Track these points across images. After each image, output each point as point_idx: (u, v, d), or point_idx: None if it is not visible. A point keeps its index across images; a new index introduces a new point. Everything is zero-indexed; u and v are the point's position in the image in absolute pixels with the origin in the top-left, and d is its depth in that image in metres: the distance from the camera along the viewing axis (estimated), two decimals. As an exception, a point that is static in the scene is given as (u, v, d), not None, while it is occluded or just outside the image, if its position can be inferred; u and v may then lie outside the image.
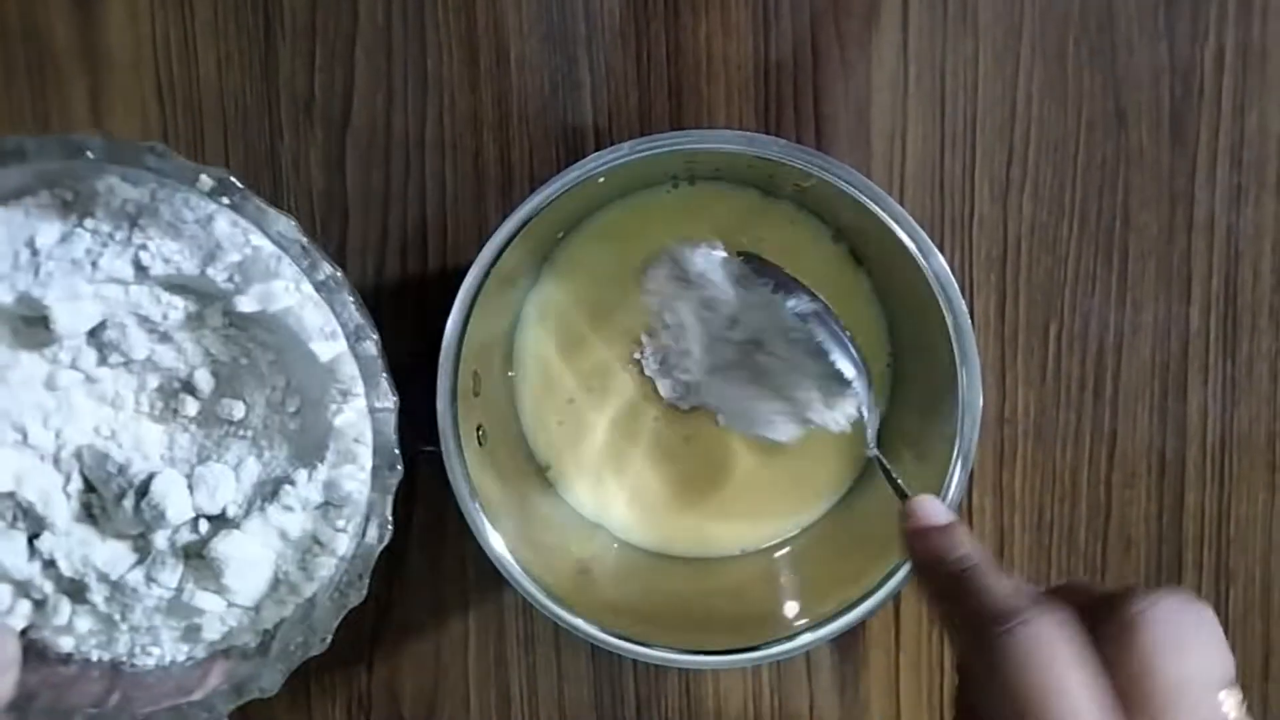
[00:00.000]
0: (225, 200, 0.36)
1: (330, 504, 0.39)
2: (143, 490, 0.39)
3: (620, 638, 0.39)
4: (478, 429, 0.41)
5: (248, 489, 0.40)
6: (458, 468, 0.38)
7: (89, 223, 0.37)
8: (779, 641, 0.39)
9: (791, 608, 0.42)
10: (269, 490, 0.39)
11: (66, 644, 0.40)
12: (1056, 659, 0.25)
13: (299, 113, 0.49)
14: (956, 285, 0.36)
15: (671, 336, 0.46)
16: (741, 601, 0.44)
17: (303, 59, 0.48)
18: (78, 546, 0.39)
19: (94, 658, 0.40)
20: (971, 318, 0.38)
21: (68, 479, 0.40)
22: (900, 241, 0.36)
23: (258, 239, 0.37)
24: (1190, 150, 0.49)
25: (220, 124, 0.49)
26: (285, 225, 0.37)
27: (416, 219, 0.49)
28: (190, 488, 0.39)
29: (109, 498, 0.39)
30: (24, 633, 0.40)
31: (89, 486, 0.40)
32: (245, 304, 0.37)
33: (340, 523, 0.39)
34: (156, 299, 0.38)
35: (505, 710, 0.51)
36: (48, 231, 0.37)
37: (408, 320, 0.49)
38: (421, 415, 0.39)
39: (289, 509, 0.39)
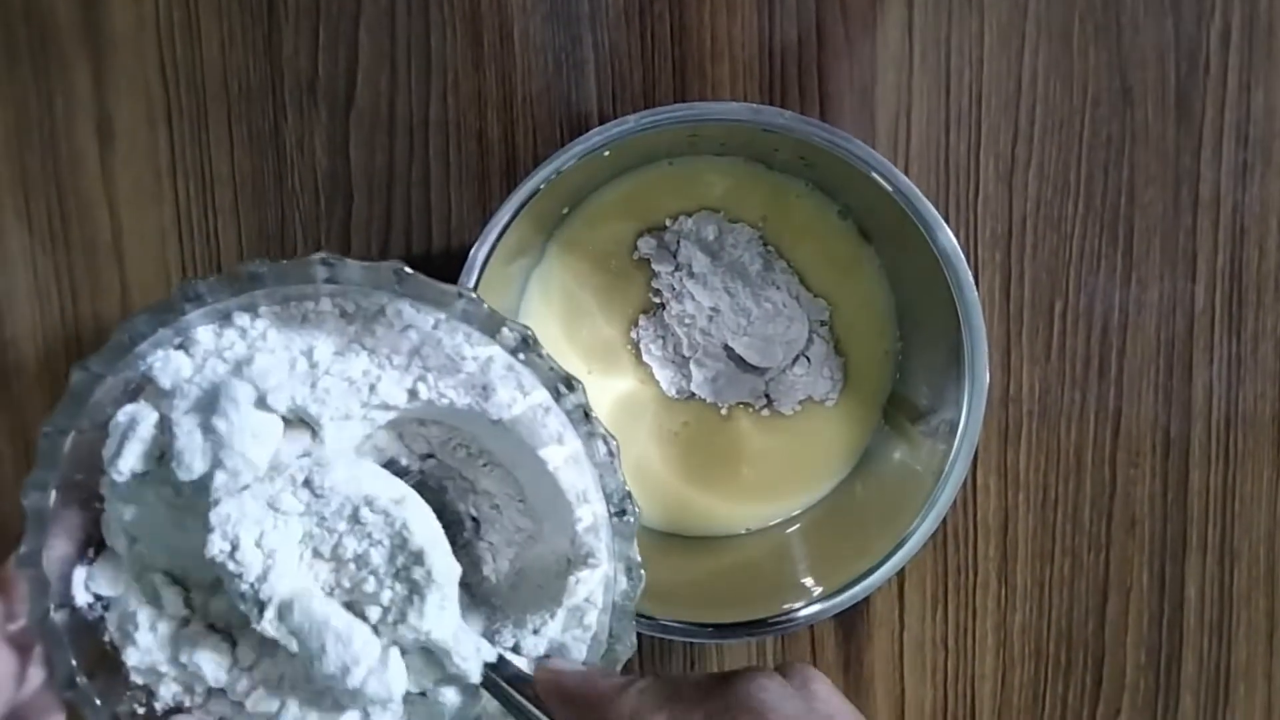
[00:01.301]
0: (520, 357, 0.34)
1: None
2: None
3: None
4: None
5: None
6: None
7: (369, 341, 0.34)
8: (784, 617, 0.39)
9: (797, 584, 0.42)
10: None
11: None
12: None
13: (303, 93, 0.49)
14: (964, 260, 0.36)
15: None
16: (747, 579, 0.44)
17: (306, 38, 0.48)
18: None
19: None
20: (977, 295, 0.37)
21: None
22: (907, 216, 0.36)
23: (535, 391, 0.34)
24: (1196, 128, 0.49)
25: (224, 104, 0.49)
26: (576, 396, 0.34)
27: (420, 199, 0.49)
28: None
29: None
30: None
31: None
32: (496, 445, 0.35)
33: None
34: (400, 433, 0.36)
35: (511, 689, 0.51)
36: (326, 344, 0.34)
37: None
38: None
39: (515, 653, 0.35)
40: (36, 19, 0.48)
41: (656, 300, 0.47)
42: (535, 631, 0.35)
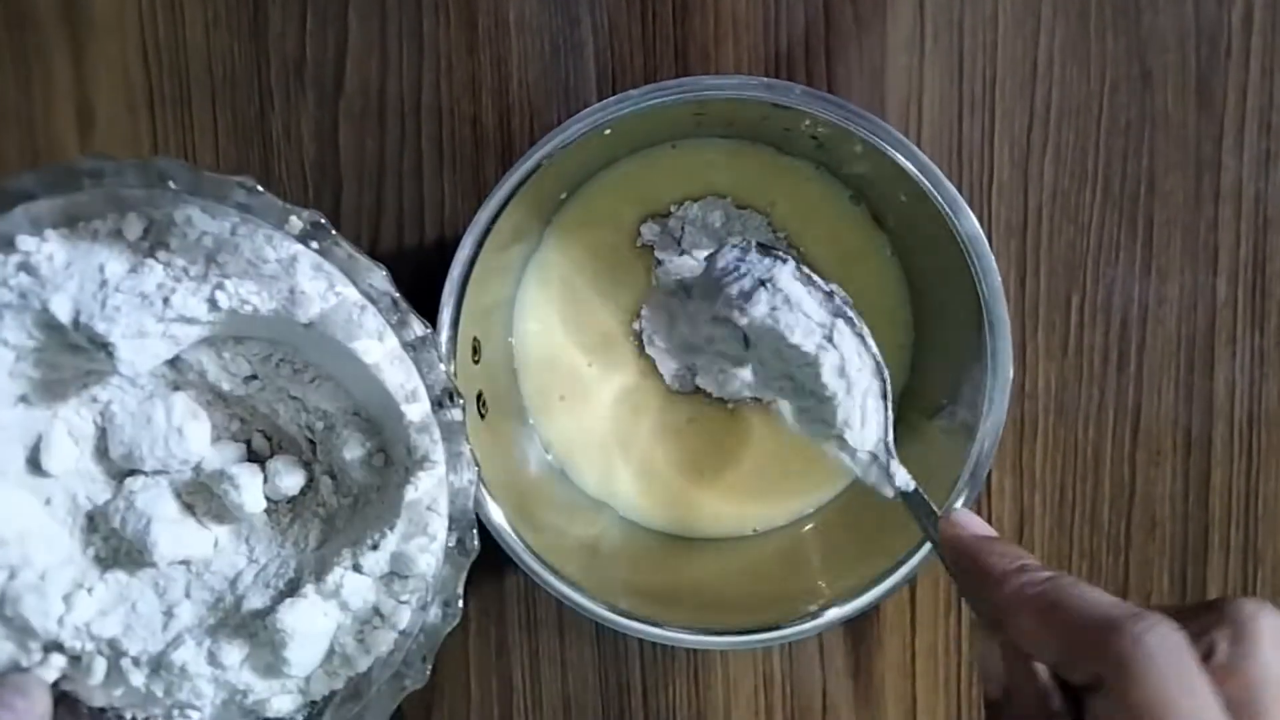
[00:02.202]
0: (314, 245, 0.33)
1: (396, 575, 0.36)
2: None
3: (629, 617, 0.37)
4: (479, 398, 0.39)
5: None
6: (458, 438, 0.36)
7: (162, 255, 0.34)
8: (793, 623, 0.37)
9: (806, 589, 0.40)
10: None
11: (100, 699, 0.37)
12: (1185, 664, 0.24)
13: (290, 77, 0.47)
14: (987, 244, 0.35)
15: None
16: (754, 583, 0.43)
17: (293, 21, 0.47)
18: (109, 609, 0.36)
19: (128, 717, 0.37)
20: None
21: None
22: (925, 200, 0.34)
23: (343, 287, 0.34)
24: (1217, 114, 0.47)
25: (208, 89, 0.47)
26: (377, 277, 0.34)
27: (413, 188, 0.47)
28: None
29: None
30: (56, 684, 0.37)
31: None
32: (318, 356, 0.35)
33: (405, 596, 0.36)
34: (219, 354, 0.36)
35: (507, 698, 0.49)
36: (118, 261, 0.34)
37: (404, 293, 0.47)
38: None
39: (356, 572, 0.35)
40: (13, 0, 0.46)
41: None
42: (374, 547, 0.35)
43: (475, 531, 0.35)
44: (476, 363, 0.40)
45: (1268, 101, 0.47)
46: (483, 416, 0.39)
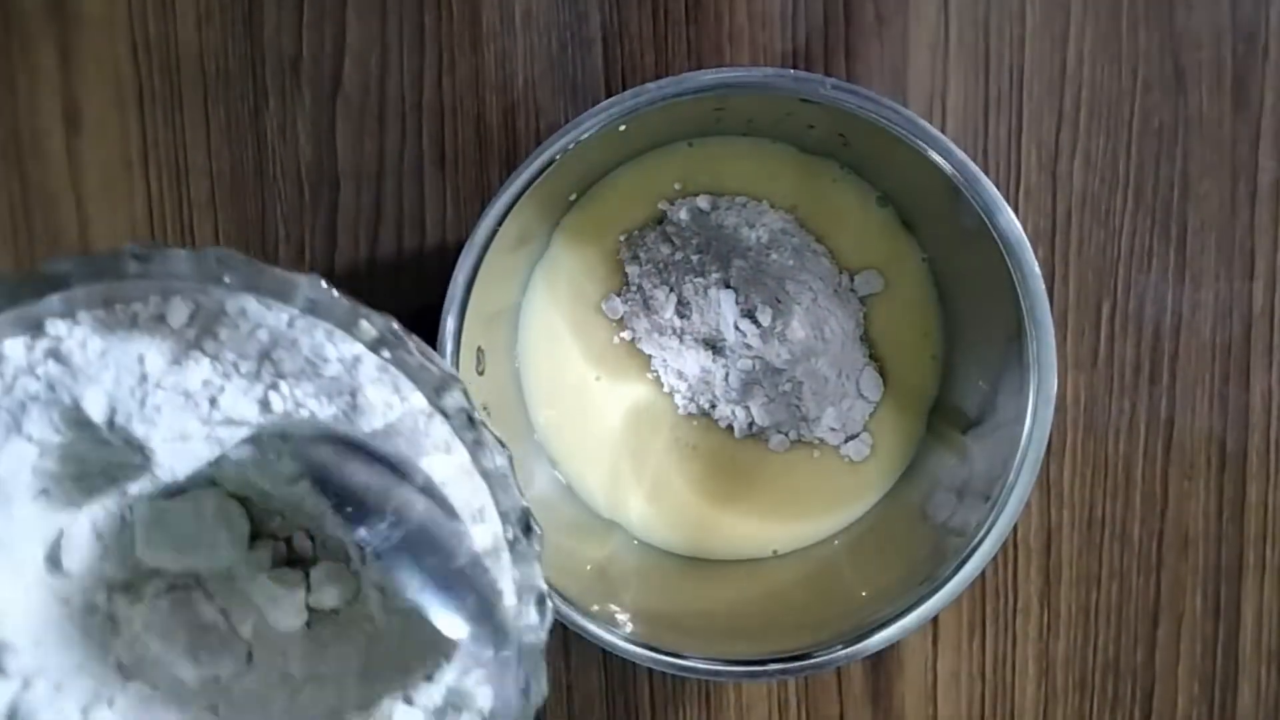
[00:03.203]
0: (385, 354, 0.30)
1: (451, 708, 0.31)
2: None
3: (641, 645, 0.35)
4: (482, 411, 0.37)
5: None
6: (460, 454, 0.34)
7: (210, 346, 0.30)
8: (816, 655, 0.36)
9: (831, 615, 0.39)
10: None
11: None
12: None
13: (285, 74, 0.46)
14: (1029, 245, 0.33)
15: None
16: (774, 608, 0.42)
17: (289, 15, 0.46)
18: None
19: None
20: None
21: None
22: (960, 200, 0.33)
23: (410, 394, 0.30)
24: (1254, 115, 0.46)
25: (200, 87, 0.46)
26: (454, 393, 0.30)
27: (413, 190, 0.46)
28: None
29: None
30: None
31: None
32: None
33: None
34: (264, 451, 0.32)
35: (510, 723, 0.47)
36: (159, 351, 0.30)
37: (404, 300, 0.47)
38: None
39: (407, 704, 0.31)
40: (-4, -6, 0.45)
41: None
42: (428, 678, 0.31)
43: (545, 675, 0.31)
44: (481, 374, 0.38)
45: (1306, 101, 0.46)
46: (487, 431, 0.38)
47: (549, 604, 0.31)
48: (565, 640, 0.47)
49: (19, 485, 0.31)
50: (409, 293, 0.46)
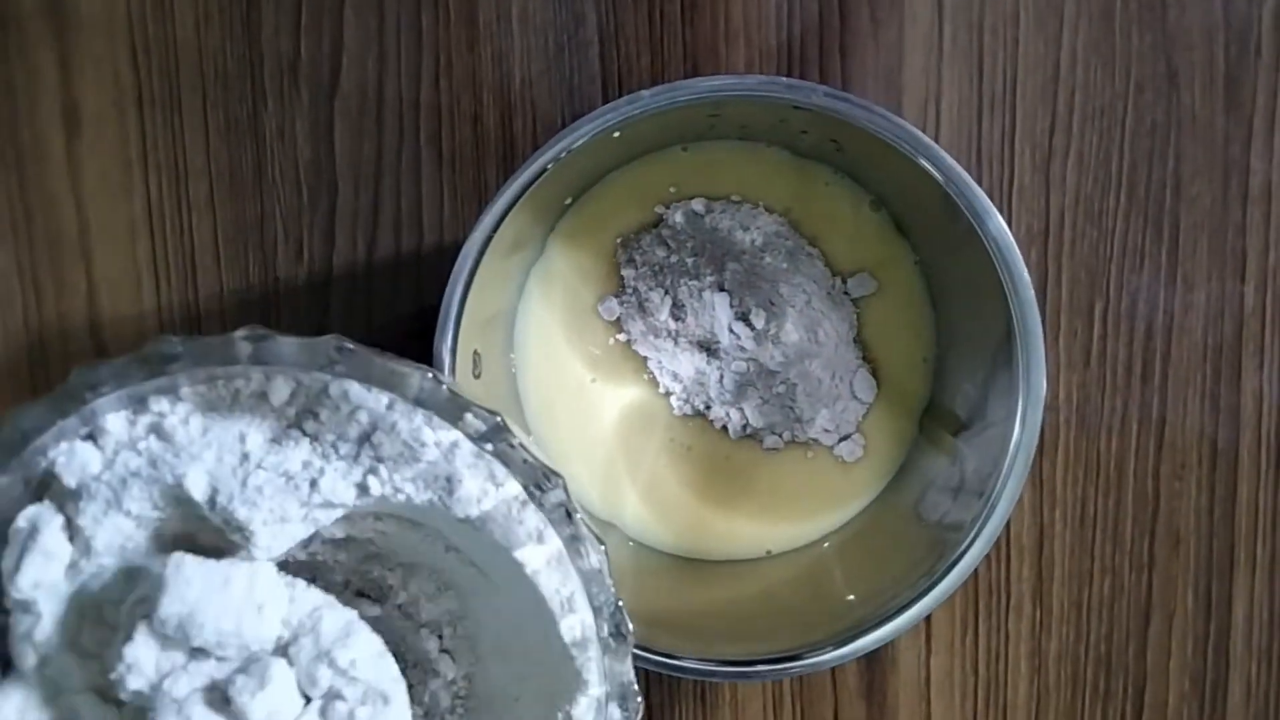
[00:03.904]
0: (489, 448, 0.30)
1: None
2: None
3: (637, 648, 0.36)
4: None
5: None
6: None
7: (310, 425, 0.30)
8: (810, 654, 0.36)
9: (825, 614, 0.39)
10: None
11: None
12: None
13: (283, 76, 0.46)
14: (1018, 250, 0.33)
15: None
16: (768, 608, 0.42)
17: (287, 17, 0.46)
18: None
19: None
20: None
21: None
22: (950, 205, 0.33)
23: (506, 481, 0.30)
24: (1246, 115, 0.46)
25: (199, 89, 0.46)
26: (555, 491, 0.30)
27: (411, 190, 0.46)
28: None
29: None
30: None
31: None
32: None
33: None
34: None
35: (508, 720, 0.48)
36: (260, 430, 0.30)
37: (402, 300, 0.47)
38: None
39: None
40: (-4, -5, 0.45)
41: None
42: None
43: None
44: (477, 377, 0.38)
45: (1299, 102, 0.46)
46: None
47: (637, 702, 0.31)
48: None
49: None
50: (407, 292, 0.46)
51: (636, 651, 0.36)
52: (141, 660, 0.29)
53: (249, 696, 0.29)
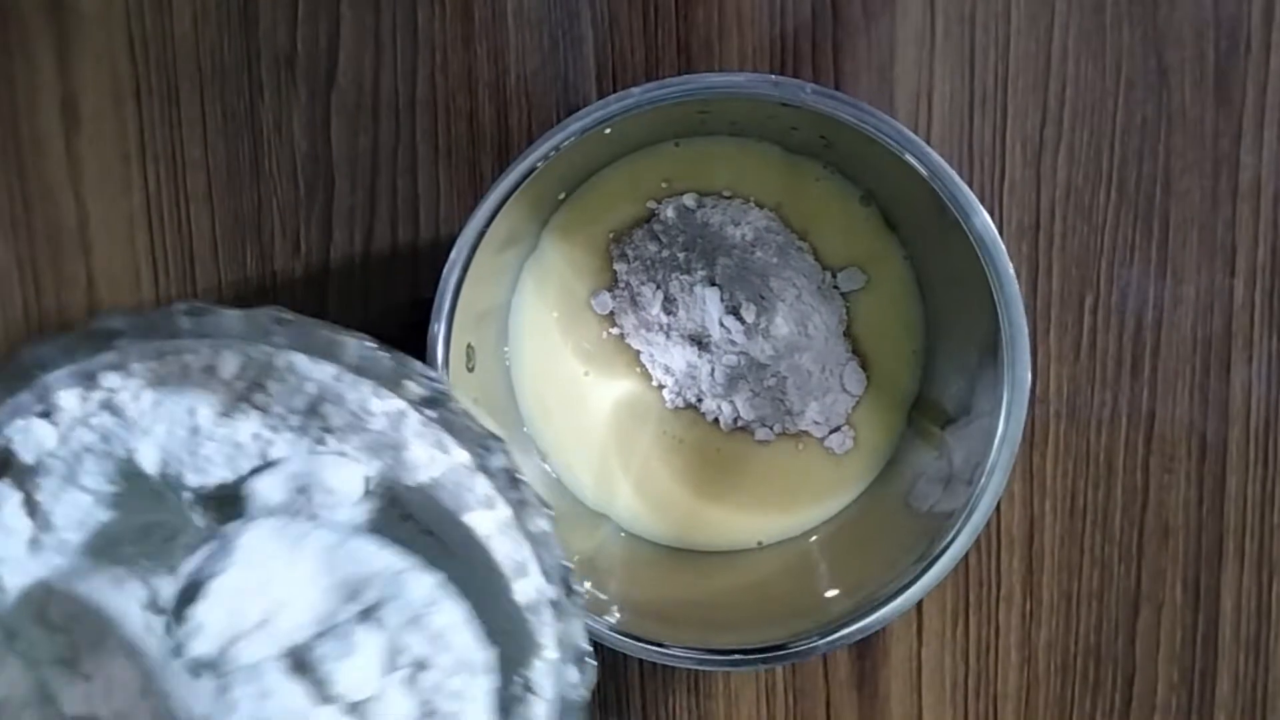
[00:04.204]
0: (432, 414, 0.30)
1: None
2: None
3: (627, 635, 0.36)
4: (472, 405, 0.38)
5: None
6: (450, 449, 0.35)
7: (259, 398, 0.30)
8: (799, 643, 0.36)
9: (814, 604, 0.39)
10: None
11: None
12: None
13: (280, 70, 0.46)
14: (1003, 246, 0.34)
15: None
16: (759, 598, 0.42)
17: (284, 12, 0.46)
18: None
19: None
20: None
21: None
22: (938, 201, 0.33)
23: (454, 449, 0.31)
24: (1236, 110, 0.46)
25: (196, 82, 0.46)
26: (497, 454, 0.31)
27: (407, 185, 0.46)
28: None
29: None
30: None
31: None
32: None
33: None
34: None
35: (503, 708, 0.48)
36: (209, 403, 0.30)
37: (399, 293, 0.47)
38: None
39: None
40: (-6, -10, 0.46)
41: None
42: None
43: None
44: (471, 370, 0.39)
45: (1288, 98, 0.46)
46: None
47: (591, 662, 0.31)
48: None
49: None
50: (403, 285, 0.47)
51: (629, 641, 0.36)
52: (210, 623, 0.28)
53: (333, 664, 0.28)
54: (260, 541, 0.29)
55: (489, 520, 0.30)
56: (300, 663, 0.29)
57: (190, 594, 0.28)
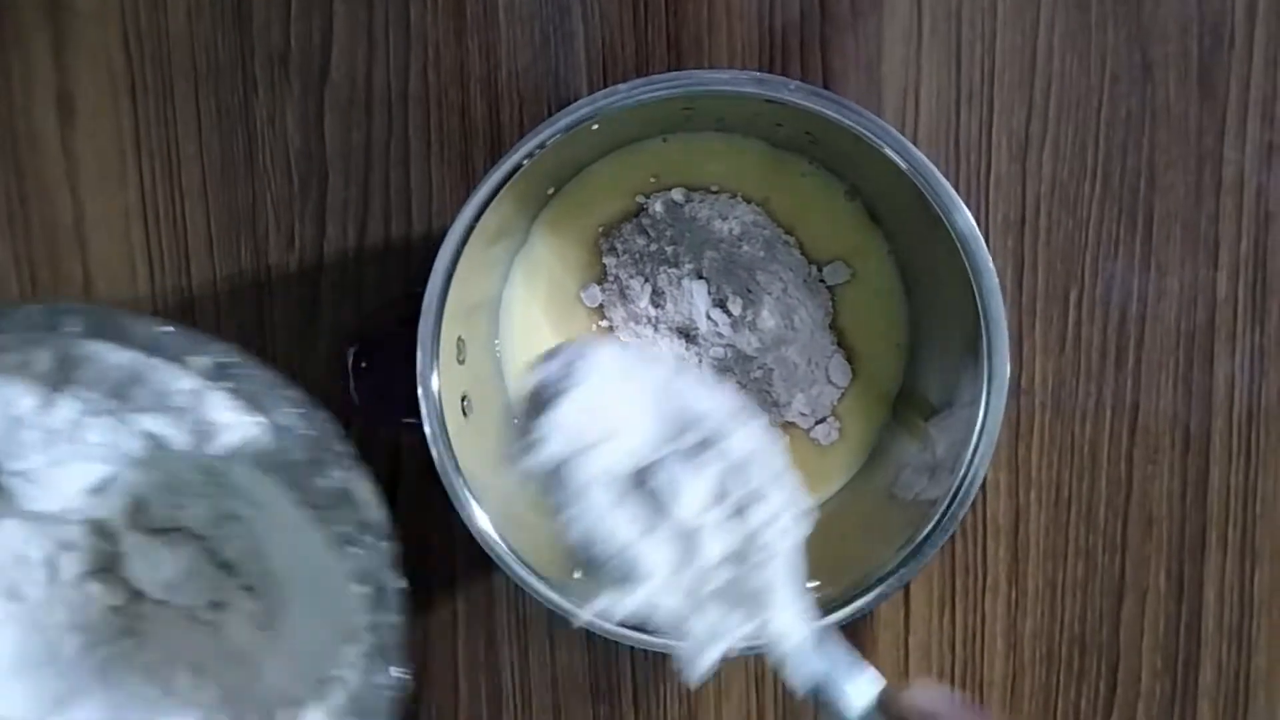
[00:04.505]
0: (227, 384, 0.33)
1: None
2: None
3: (619, 625, 0.36)
4: (462, 399, 0.38)
5: None
6: (440, 439, 0.35)
7: (71, 389, 0.33)
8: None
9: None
10: None
11: None
12: None
13: (274, 66, 0.47)
14: (983, 242, 0.34)
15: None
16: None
17: (278, 8, 0.46)
18: None
19: None
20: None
21: None
22: (921, 197, 0.34)
23: (256, 418, 0.33)
24: (1219, 106, 0.47)
25: (191, 78, 0.47)
26: (292, 416, 0.33)
27: (400, 179, 0.47)
28: None
29: None
30: None
31: None
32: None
33: None
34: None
35: (496, 697, 0.49)
36: (27, 395, 0.33)
37: (392, 286, 0.47)
38: (404, 385, 0.36)
39: None
40: (-9, -12, 0.46)
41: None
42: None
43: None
44: (461, 363, 0.39)
45: (1271, 93, 0.47)
46: (465, 415, 0.39)
47: (406, 668, 0.34)
48: (549, 616, 0.47)
49: None
50: (396, 279, 0.47)
51: (620, 629, 0.37)
52: (558, 431, 0.29)
53: (669, 490, 0.30)
54: (605, 364, 0.30)
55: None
56: (637, 484, 0.30)
57: (538, 405, 0.30)
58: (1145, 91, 0.46)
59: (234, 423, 0.32)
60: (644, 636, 0.37)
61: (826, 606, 0.37)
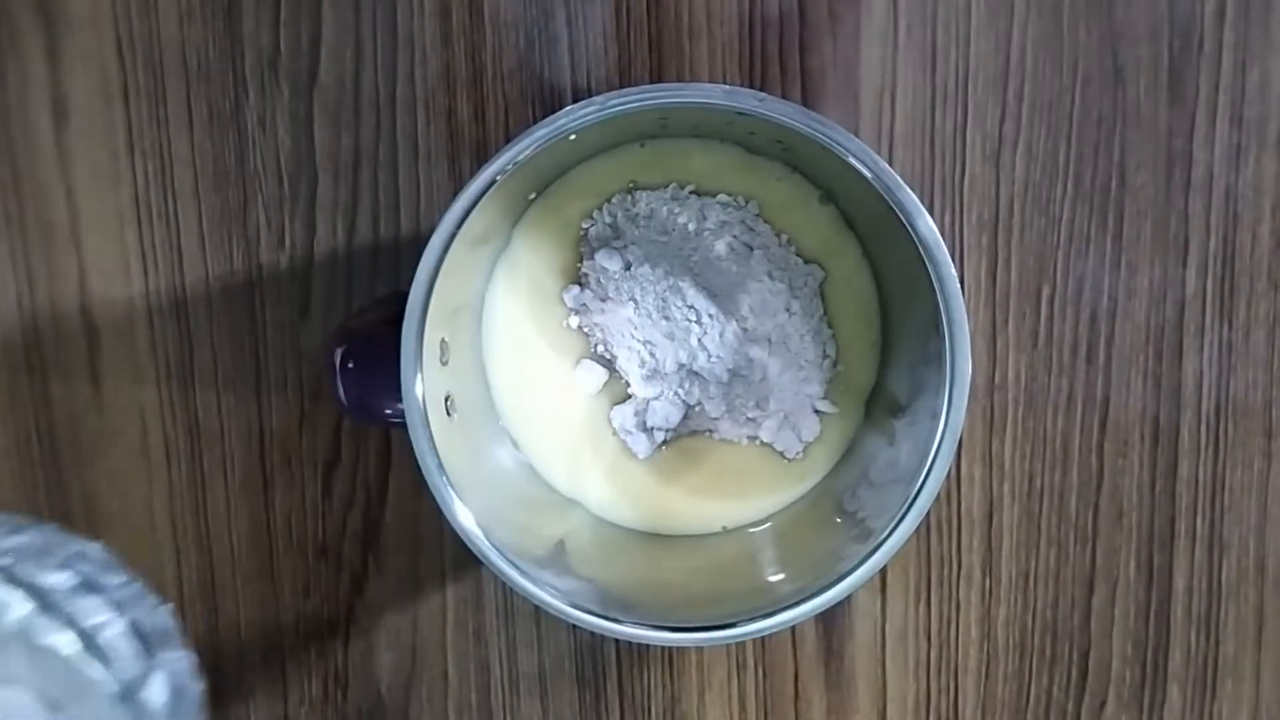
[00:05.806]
0: None
1: None
2: None
3: (599, 616, 0.38)
4: (445, 399, 0.39)
5: None
6: (423, 439, 0.36)
7: None
8: (763, 617, 0.38)
9: (777, 583, 0.41)
10: None
11: None
12: None
13: (264, 69, 0.47)
14: (945, 248, 0.35)
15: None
16: (725, 579, 0.43)
17: (267, 12, 0.47)
18: None
19: None
20: (961, 282, 0.36)
21: None
22: (886, 202, 0.35)
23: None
24: (1189, 108, 0.47)
25: (183, 81, 0.48)
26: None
27: (388, 180, 0.47)
28: None
29: None
30: None
31: None
32: None
33: None
34: None
35: (485, 684, 0.50)
36: None
37: (381, 285, 0.48)
38: (391, 383, 0.37)
39: None
40: (-14, -6, 0.47)
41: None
42: None
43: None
44: (445, 364, 0.40)
45: (1239, 95, 0.47)
46: (449, 415, 0.40)
47: None
48: (536, 606, 0.49)
49: None
50: (385, 279, 0.48)
51: (597, 620, 0.38)
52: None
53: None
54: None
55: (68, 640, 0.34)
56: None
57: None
58: (1116, 94, 0.47)
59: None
60: (625, 630, 0.38)
61: (800, 597, 0.38)
